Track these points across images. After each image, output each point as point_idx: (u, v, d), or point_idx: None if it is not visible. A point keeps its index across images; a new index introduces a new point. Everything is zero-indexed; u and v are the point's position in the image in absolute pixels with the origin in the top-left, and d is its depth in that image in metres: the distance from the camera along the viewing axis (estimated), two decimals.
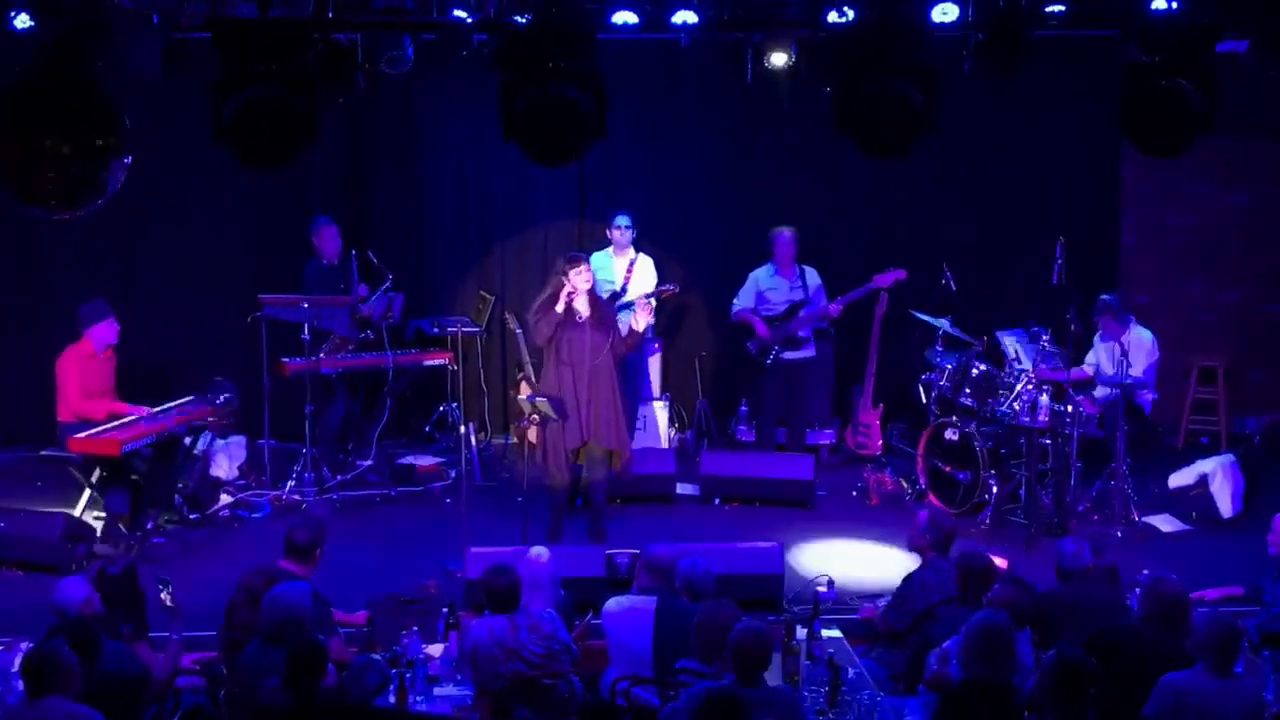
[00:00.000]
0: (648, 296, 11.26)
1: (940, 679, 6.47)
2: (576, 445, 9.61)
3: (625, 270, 11.47)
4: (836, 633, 7.46)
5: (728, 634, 6.18)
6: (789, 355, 11.28)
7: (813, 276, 11.37)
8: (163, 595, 7.08)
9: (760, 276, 11.37)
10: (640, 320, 9.81)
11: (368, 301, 11.24)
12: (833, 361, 12.15)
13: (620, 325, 10.08)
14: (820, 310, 11.32)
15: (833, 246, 12.11)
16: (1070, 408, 10.02)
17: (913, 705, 6.75)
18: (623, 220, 11.42)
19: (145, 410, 10.09)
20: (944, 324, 11.09)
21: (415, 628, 7.25)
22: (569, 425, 9.46)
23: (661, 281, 11.44)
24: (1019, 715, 6.03)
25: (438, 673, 7.00)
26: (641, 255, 11.55)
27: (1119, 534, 9.99)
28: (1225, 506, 10.30)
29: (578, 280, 9.43)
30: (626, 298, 11.28)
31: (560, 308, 9.42)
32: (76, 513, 9.75)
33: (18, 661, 6.18)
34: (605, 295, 11.08)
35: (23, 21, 8.64)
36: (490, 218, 12.60)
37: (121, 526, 9.72)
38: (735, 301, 11.42)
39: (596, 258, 11.35)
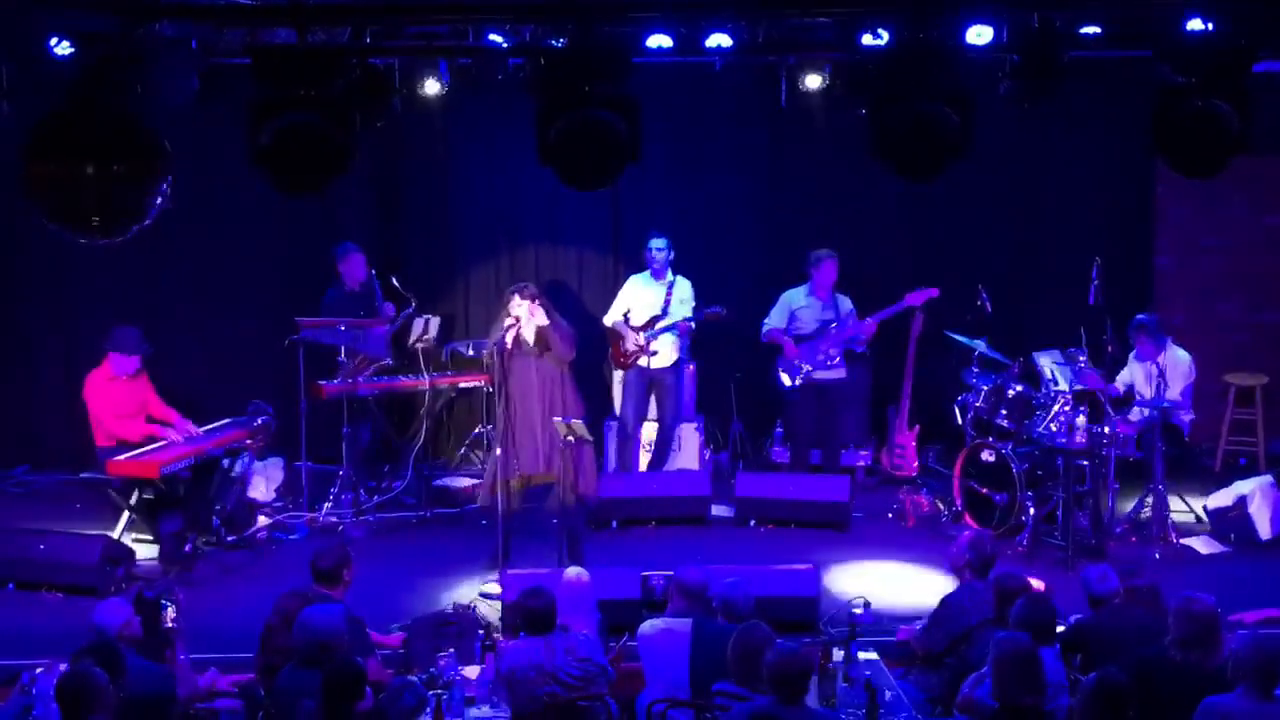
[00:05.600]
0: (690, 320, 11.29)
1: (970, 703, 6.43)
2: (532, 473, 9.50)
3: (665, 294, 11.39)
4: (873, 655, 7.43)
5: (762, 655, 6.16)
6: (820, 375, 11.26)
7: (845, 303, 11.37)
8: (167, 612, 7.10)
9: (794, 297, 11.35)
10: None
11: (394, 322, 11.31)
12: (868, 383, 12.13)
13: (664, 346, 10.07)
14: (850, 331, 11.29)
15: (867, 268, 12.08)
16: (1107, 429, 9.98)
17: None
18: (658, 242, 11.31)
19: (176, 415, 10.17)
20: (980, 345, 11.05)
21: (451, 649, 7.27)
22: (524, 454, 9.36)
23: (706, 304, 11.44)
24: None
25: (474, 694, 7.01)
26: (679, 278, 11.48)
27: (1157, 556, 9.93)
28: (1264, 528, 10.22)
29: (517, 311, 9.36)
30: (668, 320, 11.29)
31: (509, 339, 9.30)
32: (115, 535, 9.80)
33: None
34: (644, 321, 11.10)
35: (63, 49, 8.75)
36: (524, 241, 12.64)
37: (176, 548, 9.74)
38: (766, 321, 11.38)
39: (633, 281, 11.38)
